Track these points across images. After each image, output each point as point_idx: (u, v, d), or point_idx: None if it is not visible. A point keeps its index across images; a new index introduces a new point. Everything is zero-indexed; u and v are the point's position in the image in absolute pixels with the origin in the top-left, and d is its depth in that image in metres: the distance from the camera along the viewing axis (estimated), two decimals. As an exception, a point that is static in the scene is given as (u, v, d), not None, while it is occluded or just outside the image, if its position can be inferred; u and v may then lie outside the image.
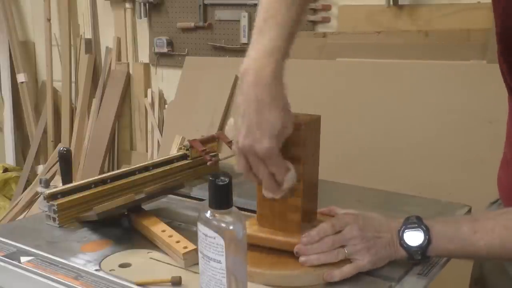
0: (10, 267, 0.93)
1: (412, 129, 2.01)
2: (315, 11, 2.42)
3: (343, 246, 0.89)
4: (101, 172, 3.04)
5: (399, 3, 2.20)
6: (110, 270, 0.91)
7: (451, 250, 0.87)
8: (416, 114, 2.01)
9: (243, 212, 0.79)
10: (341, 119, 2.10)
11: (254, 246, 0.92)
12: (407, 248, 0.87)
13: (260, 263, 0.89)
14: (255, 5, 2.55)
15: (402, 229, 0.88)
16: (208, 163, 1.38)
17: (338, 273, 0.88)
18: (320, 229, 0.90)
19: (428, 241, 0.86)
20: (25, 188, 3.31)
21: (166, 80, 3.00)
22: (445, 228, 0.87)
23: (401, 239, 0.88)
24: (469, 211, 1.22)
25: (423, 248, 0.86)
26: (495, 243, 0.84)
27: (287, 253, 0.92)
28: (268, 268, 0.89)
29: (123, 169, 1.25)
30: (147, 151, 3.09)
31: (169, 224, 1.05)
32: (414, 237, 0.87)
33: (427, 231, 0.86)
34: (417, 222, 0.88)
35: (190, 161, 1.38)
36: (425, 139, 1.98)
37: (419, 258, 0.88)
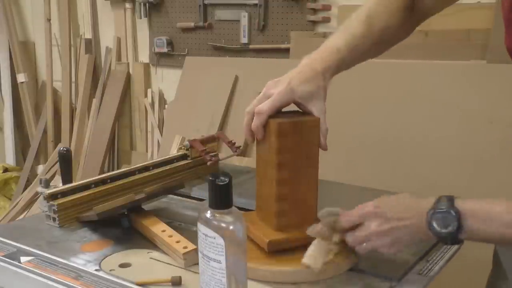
0: (10, 267, 0.93)
1: (412, 129, 2.01)
2: (315, 11, 2.43)
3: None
4: (101, 172, 3.04)
5: (399, 3, 2.20)
6: (110, 270, 0.91)
7: (485, 234, 0.82)
8: (416, 114, 2.01)
9: (243, 212, 0.79)
10: (341, 119, 2.10)
11: (249, 241, 0.92)
12: (436, 233, 0.82)
13: (254, 258, 0.89)
14: (255, 5, 2.56)
15: (431, 212, 0.83)
16: (208, 163, 1.38)
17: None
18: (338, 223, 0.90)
19: (459, 226, 0.81)
20: (25, 188, 3.31)
21: (166, 80, 3.00)
22: (477, 210, 0.82)
23: (429, 223, 0.83)
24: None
25: (453, 234, 0.82)
26: None
27: (282, 250, 0.92)
28: (263, 264, 0.89)
29: (123, 169, 1.25)
30: (147, 151, 3.09)
31: (169, 224, 1.05)
32: (443, 222, 0.82)
33: (457, 216, 0.81)
34: (447, 204, 0.82)
35: (190, 161, 1.38)
36: (425, 139, 1.98)
37: (449, 243, 0.84)
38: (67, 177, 1.20)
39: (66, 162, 1.22)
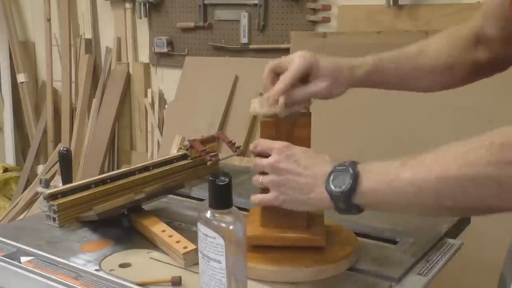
0: (10, 267, 0.93)
1: (412, 129, 2.01)
2: (315, 11, 2.43)
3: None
4: (101, 172, 3.04)
5: (399, 3, 2.20)
6: (110, 270, 0.91)
7: (380, 194, 0.74)
8: (416, 114, 2.01)
9: (243, 212, 0.79)
10: (341, 119, 2.10)
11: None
12: (329, 191, 0.78)
13: (252, 258, 0.89)
14: (255, 5, 2.56)
15: (330, 171, 0.79)
16: (208, 163, 1.38)
17: (257, 197, 0.87)
18: (251, 145, 0.91)
19: (353, 184, 0.75)
20: (25, 188, 3.31)
21: (166, 80, 3.00)
22: (375, 166, 0.77)
23: (327, 182, 0.78)
24: (469, 211, 1.21)
25: (345, 194, 0.76)
26: (426, 175, 0.70)
27: (281, 249, 0.92)
28: (261, 263, 0.89)
29: (123, 169, 1.25)
30: (147, 151, 3.09)
31: (169, 224, 1.05)
32: (339, 180, 0.77)
33: (354, 174, 0.76)
34: (348, 164, 0.78)
35: (190, 161, 1.38)
36: (425, 139, 1.98)
37: (343, 207, 0.77)
38: (67, 177, 1.20)
39: (66, 162, 1.22)
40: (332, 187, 0.78)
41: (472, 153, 0.67)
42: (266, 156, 0.86)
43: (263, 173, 0.87)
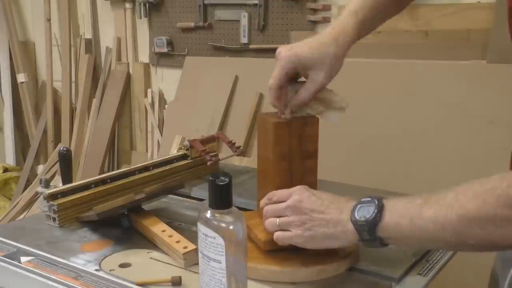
0: (10, 267, 0.93)
1: (412, 129, 2.01)
2: (315, 11, 2.42)
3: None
4: (101, 172, 3.04)
5: (399, 3, 2.20)
6: (110, 270, 0.91)
7: (402, 228, 0.76)
8: (416, 114, 2.01)
9: (243, 212, 0.79)
10: (341, 119, 2.10)
11: (248, 241, 0.92)
12: (354, 221, 0.80)
13: (253, 258, 0.89)
14: (255, 5, 2.56)
15: (355, 204, 0.82)
16: (208, 163, 1.38)
17: (279, 235, 0.87)
18: (264, 199, 0.93)
19: (377, 215, 0.78)
20: (25, 188, 3.31)
21: (166, 80, 3.00)
22: (398, 201, 0.79)
23: (352, 215, 0.81)
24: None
25: (370, 224, 0.78)
26: (448, 214, 0.72)
27: (282, 249, 0.92)
28: (262, 264, 0.89)
29: (123, 169, 1.25)
30: (147, 151, 3.09)
31: (169, 224, 1.05)
32: (365, 211, 0.80)
33: (379, 204, 0.78)
34: (373, 197, 0.80)
35: (190, 161, 1.38)
36: (425, 139, 1.98)
37: (368, 238, 0.79)
38: (67, 177, 1.20)
39: (66, 162, 1.22)
40: (357, 217, 0.80)
41: (489, 194, 0.69)
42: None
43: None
